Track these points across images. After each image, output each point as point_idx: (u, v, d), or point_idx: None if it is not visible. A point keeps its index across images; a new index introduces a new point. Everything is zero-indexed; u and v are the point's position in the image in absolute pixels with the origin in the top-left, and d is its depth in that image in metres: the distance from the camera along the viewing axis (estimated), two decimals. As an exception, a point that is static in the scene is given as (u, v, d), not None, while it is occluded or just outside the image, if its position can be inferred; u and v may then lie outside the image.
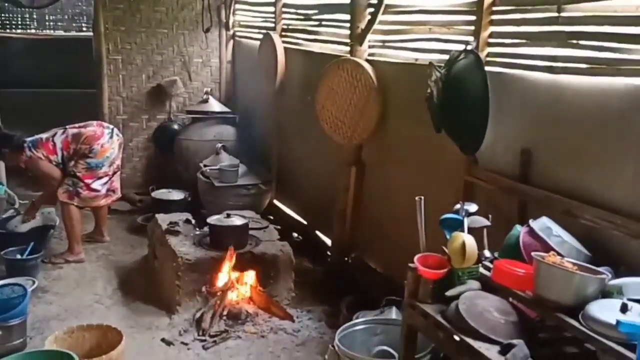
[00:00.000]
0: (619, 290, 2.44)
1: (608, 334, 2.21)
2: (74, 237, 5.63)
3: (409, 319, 2.97)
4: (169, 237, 4.90)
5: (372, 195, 4.98)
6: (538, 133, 3.29)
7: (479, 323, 2.55)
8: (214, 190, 6.13)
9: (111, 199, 5.88)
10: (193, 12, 7.50)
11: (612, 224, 2.76)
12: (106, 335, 3.85)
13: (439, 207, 3.15)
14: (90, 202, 5.70)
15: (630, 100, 2.77)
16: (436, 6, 4.12)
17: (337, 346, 3.38)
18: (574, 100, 3.06)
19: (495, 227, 3.09)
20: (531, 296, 2.58)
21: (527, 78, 3.34)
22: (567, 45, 3.10)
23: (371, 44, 4.85)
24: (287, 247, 4.93)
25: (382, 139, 4.76)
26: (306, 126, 5.87)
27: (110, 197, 5.83)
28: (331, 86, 5.09)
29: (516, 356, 2.37)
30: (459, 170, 3.73)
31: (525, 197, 3.29)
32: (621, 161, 2.81)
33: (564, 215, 2.98)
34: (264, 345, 4.22)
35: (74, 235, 5.62)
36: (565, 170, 3.11)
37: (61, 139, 5.50)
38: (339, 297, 4.67)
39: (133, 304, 4.81)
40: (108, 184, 5.72)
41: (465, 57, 3.53)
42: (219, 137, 6.89)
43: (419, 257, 2.92)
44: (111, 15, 7.23)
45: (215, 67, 7.80)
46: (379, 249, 4.93)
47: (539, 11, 3.26)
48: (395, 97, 4.57)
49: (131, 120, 7.51)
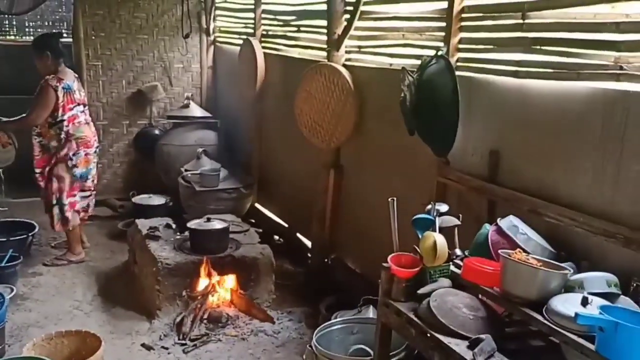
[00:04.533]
0: (581, 285, 2.52)
1: (569, 326, 2.29)
2: (74, 237, 5.68)
3: (383, 317, 3.05)
4: (149, 242, 4.93)
5: (350, 197, 5.07)
6: (505, 135, 3.39)
7: (449, 319, 2.62)
8: (195, 195, 6.17)
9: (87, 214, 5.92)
10: (173, 18, 7.56)
11: (575, 222, 2.85)
12: (85, 341, 3.85)
13: (413, 207, 3.24)
14: (75, 220, 5.71)
15: (590, 103, 2.86)
16: (409, 13, 4.21)
17: (314, 346, 3.45)
18: (538, 104, 3.16)
19: (466, 226, 3.18)
20: (499, 292, 2.65)
21: (495, 82, 3.44)
22: (531, 51, 3.20)
23: (348, 49, 4.94)
24: (267, 249, 4.98)
25: (359, 142, 4.85)
26: (286, 130, 5.94)
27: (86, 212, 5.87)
28: (309, 91, 5.17)
29: (483, 350, 2.44)
30: (432, 172, 3.82)
31: (494, 197, 3.38)
32: (582, 161, 2.91)
33: (530, 214, 3.08)
34: (245, 348, 4.28)
35: (74, 235, 5.68)
36: (531, 171, 3.21)
37: (77, 113, 5.50)
38: (319, 298, 4.74)
39: (113, 309, 4.83)
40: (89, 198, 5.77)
41: (437, 62, 3.61)
42: (200, 142, 6.93)
43: (392, 256, 3.00)
44: (91, 22, 7.26)
45: (196, 72, 7.85)
46: (357, 249, 5.00)
47: (505, 18, 3.36)
48: (371, 101, 4.66)
49: (112, 125, 7.54)
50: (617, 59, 2.77)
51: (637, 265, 2.62)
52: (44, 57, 5.39)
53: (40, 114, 5.34)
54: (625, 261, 2.68)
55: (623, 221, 2.69)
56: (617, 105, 2.73)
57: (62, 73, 5.43)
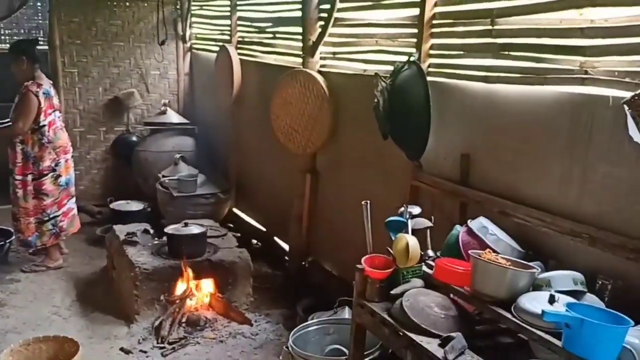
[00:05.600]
0: (548, 283, 2.59)
1: (537, 323, 2.34)
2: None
3: (357, 317, 3.09)
4: (127, 248, 4.95)
5: (327, 201, 5.13)
6: (476, 139, 3.47)
7: (421, 318, 2.67)
8: (173, 200, 6.19)
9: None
10: (149, 25, 7.59)
11: (543, 222, 2.94)
12: (63, 346, 3.85)
13: (387, 210, 3.29)
14: (71, 227, 5.77)
15: (557, 107, 2.95)
16: (382, 20, 4.28)
17: (290, 346, 3.50)
18: (507, 108, 3.24)
19: (438, 227, 3.24)
20: (469, 291, 2.71)
21: (465, 87, 3.52)
22: (500, 57, 3.28)
23: (322, 55, 5.01)
24: (245, 253, 5.02)
25: (334, 147, 4.91)
26: (263, 136, 5.98)
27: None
28: (285, 97, 5.22)
29: (454, 348, 2.49)
30: (405, 175, 3.89)
31: (465, 199, 3.46)
32: (549, 163, 2.99)
33: (500, 215, 3.16)
34: (223, 350, 4.31)
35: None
36: (501, 173, 3.29)
37: (55, 119, 5.53)
38: (296, 300, 4.79)
39: (91, 314, 4.84)
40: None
41: (409, 68, 3.68)
42: (177, 148, 6.96)
43: (366, 258, 3.05)
44: (67, 29, 7.27)
45: (172, 79, 7.88)
46: (334, 252, 5.06)
47: (474, 24, 3.44)
48: (346, 107, 4.73)
49: (89, 132, 7.54)
50: (583, 64, 2.85)
51: (602, 264, 2.70)
52: (20, 62, 5.38)
53: (26, 122, 5.35)
54: (591, 260, 2.76)
55: (589, 221, 2.77)
56: (582, 109, 2.81)
57: (40, 78, 5.44)
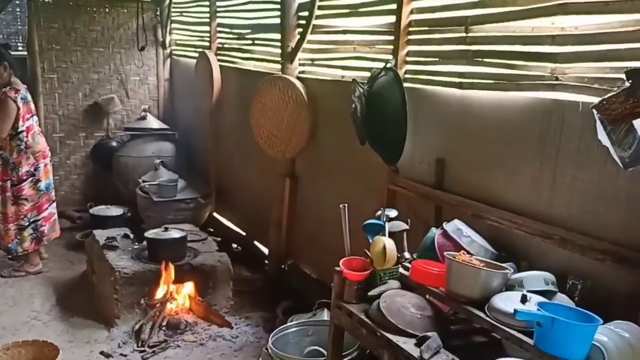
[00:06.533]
0: (520, 284, 2.67)
1: (510, 322, 2.42)
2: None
3: (335, 318, 3.15)
4: (107, 252, 4.96)
5: (306, 205, 5.19)
6: (450, 144, 3.55)
7: (398, 319, 2.74)
8: (153, 205, 6.21)
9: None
10: (129, 31, 7.59)
11: (515, 224, 3.02)
12: (43, 350, 3.84)
13: (365, 213, 3.35)
14: (52, 232, 5.78)
15: (529, 112, 3.04)
16: (359, 27, 4.36)
17: (270, 348, 3.54)
18: (480, 113, 3.32)
19: (415, 230, 3.33)
20: (444, 292, 2.79)
21: (440, 93, 3.60)
22: (473, 63, 3.37)
23: (301, 62, 5.07)
24: (225, 257, 5.06)
25: (313, 152, 4.97)
26: (243, 141, 6.04)
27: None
28: (265, 102, 5.28)
29: (430, 347, 2.55)
30: (383, 180, 3.96)
31: (440, 202, 3.53)
32: (522, 167, 3.08)
33: (474, 218, 3.24)
34: (203, 353, 4.34)
35: None
36: (474, 177, 3.37)
37: (33, 124, 5.53)
38: (276, 303, 4.83)
39: (71, 319, 4.83)
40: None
41: (385, 74, 3.76)
42: (157, 153, 6.97)
43: (344, 260, 3.12)
44: (46, 35, 7.27)
45: (152, 84, 7.89)
46: (313, 255, 5.12)
47: (449, 32, 3.53)
48: (325, 112, 4.80)
49: (68, 137, 7.53)
50: (554, 70, 2.94)
51: (572, 264, 2.79)
52: (3, 68, 5.39)
53: (4, 128, 5.34)
54: (561, 260, 2.85)
55: (559, 223, 2.86)
56: (553, 114, 2.90)
57: (16, 84, 5.44)
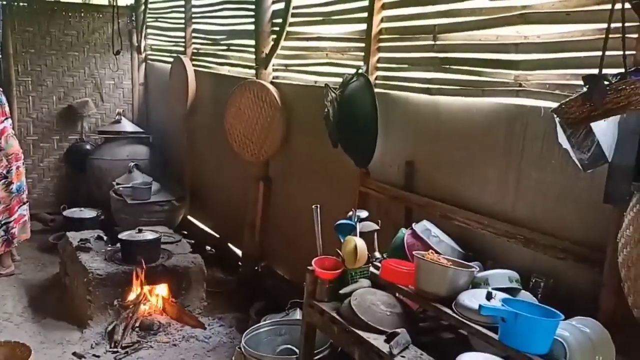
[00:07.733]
0: (486, 281, 2.77)
1: (475, 319, 2.51)
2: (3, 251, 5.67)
3: (307, 317, 3.22)
4: (80, 254, 4.97)
5: (279, 208, 5.26)
6: (419, 147, 3.65)
7: (368, 316, 2.82)
8: (127, 208, 6.22)
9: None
10: (104, 35, 7.60)
11: (481, 225, 3.13)
12: (15, 351, 3.82)
13: (337, 215, 3.42)
14: (22, 233, 5.76)
15: (494, 117, 3.15)
16: (332, 34, 4.45)
17: (243, 347, 3.60)
18: (447, 118, 3.44)
19: (385, 230, 3.40)
20: (413, 290, 2.88)
21: (410, 98, 3.70)
22: (441, 70, 3.48)
23: (275, 67, 5.15)
24: (198, 259, 5.10)
25: (286, 155, 5.05)
26: (217, 144, 6.09)
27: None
28: (239, 107, 5.35)
29: (399, 343, 2.63)
30: (354, 182, 4.05)
31: (410, 204, 3.63)
32: (487, 170, 3.19)
33: (442, 218, 3.34)
34: (176, 353, 4.37)
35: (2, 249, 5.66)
36: (443, 179, 3.48)
37: (7, 126, 5.53)
38: (249, 304, 4.89)
39: (44, 320, 4.83)
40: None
41: (357, 80, 3.85)
42: (131, 157, 6.99)
43: (316, 260, 3.19)
44: (20, 38, 7.26)
45: (127, 89, 7.90)
46: (286, 257, 5.19)
47: (418, 40, 3.63)
48: (298, 117, 4.88)
49: (42, 141, 7.51)
50: (517, 77, 3.05)
51: (535, 263, 2.90)
52: None
53: None
54: (525, 259, 2.96)
55: (523, 224, 2.97)
56: (517, 119, 3.01)
57: None
